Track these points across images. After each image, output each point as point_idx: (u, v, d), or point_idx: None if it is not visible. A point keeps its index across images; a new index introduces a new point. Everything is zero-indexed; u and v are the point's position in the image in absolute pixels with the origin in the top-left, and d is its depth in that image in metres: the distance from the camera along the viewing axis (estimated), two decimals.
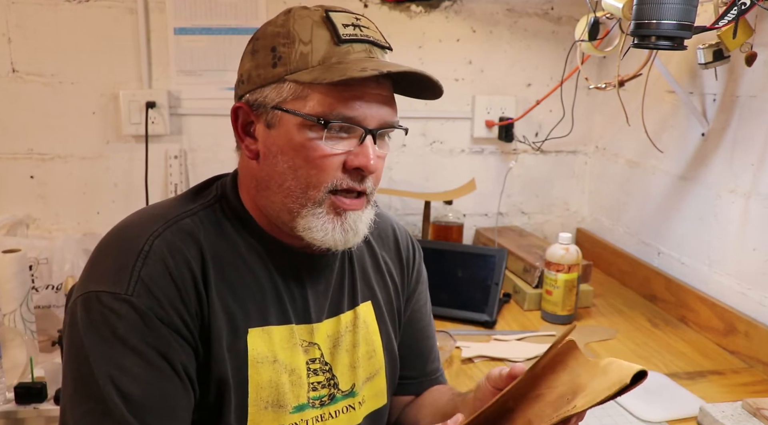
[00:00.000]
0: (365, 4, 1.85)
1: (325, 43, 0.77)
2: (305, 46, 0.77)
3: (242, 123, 0.83)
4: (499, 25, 1.93)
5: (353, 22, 0.79)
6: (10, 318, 1.47)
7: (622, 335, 1.49)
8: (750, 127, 1.40)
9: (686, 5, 1.12)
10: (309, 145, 0.77)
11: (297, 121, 0.77)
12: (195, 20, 1.75)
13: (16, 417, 1.38)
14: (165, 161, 1.84)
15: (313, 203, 0.79)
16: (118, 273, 0.75)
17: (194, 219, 0.83)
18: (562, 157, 2.09)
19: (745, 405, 1.13)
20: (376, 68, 0.74)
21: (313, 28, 0.77)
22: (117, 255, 0.78)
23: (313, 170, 0.78)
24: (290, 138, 0.78)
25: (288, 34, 0.78)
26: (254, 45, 0.82)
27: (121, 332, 0.73)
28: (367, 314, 0.95)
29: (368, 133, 0.78)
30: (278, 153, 0.79)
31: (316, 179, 0.78)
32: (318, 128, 0.76)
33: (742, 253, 1.43)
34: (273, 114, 0.79)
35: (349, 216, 0.80)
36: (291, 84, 0.77)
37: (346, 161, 0.78)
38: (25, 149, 1.78)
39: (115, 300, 0.74)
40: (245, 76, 0.82)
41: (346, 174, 0.79)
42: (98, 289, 0.75)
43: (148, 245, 0.77)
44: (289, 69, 0.77)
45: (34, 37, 1.71)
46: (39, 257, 1.67)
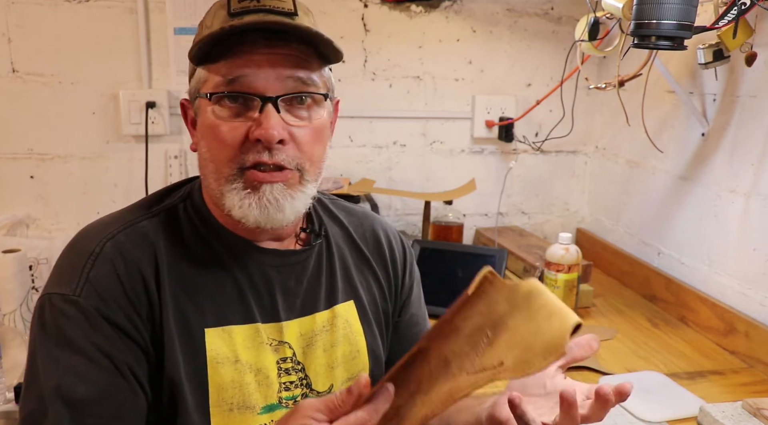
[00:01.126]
0: (365, 4, 1.85)
1: (220, 22, 0.76)
2: (207, 29, 0.77)
3: (190, 119, 0.85)
4: (499, 25, 1.93)
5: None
6: (10, 318, 1.47)
7: (622, 335, 1.49)
8: (750, 127, 1.40)
9: (686, 5, 1.12)
10: (212, 123, 0.77)
11: (204, 104, 0.78)
12: (195, 20, 1.75)
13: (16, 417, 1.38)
14: (165, 161, 1.84)
15: (227, 179, 0.78)
16: (68, 275, 0.77)
17: (153, 221, 0.83)
18: (562, 157, 2.09)
19: (745, 405, 1.13)
20: (234, 24, 0.73)
21: (215, 12, 0.79)
22: (71, 258, 0.79)
23: (217, 147, 0.77)
24: (204, 122, 0.79)
25: (201, 23, 0.81)
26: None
27: (69, 333, 0.74)
28: (349, 314, 0.92)
29: (266, 101, 0.75)
30: (201, 139, 0.81)
31: (222, 155, 0.77)
32: (218, 106, 0.77)
33: (742, 253, 1.43)
34: (196, 104, 0.81)
35: (266, 190, 0.77)
36: (199, 71, 0.79)
37: (246, 134, 0.76)
38: (25, 149, 1.78)
39: (64, 301, 0.75)
40: (189, 71, 0.83)
41: (251, 147, 0.76)
42: (51, 291, 0.77)
43: (99, 247, 0.78)
44: (195, 56, 0.78)
45: (34, 37, 1.71)
46: (39, 257, 1.67)
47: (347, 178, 1.89)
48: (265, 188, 0.77)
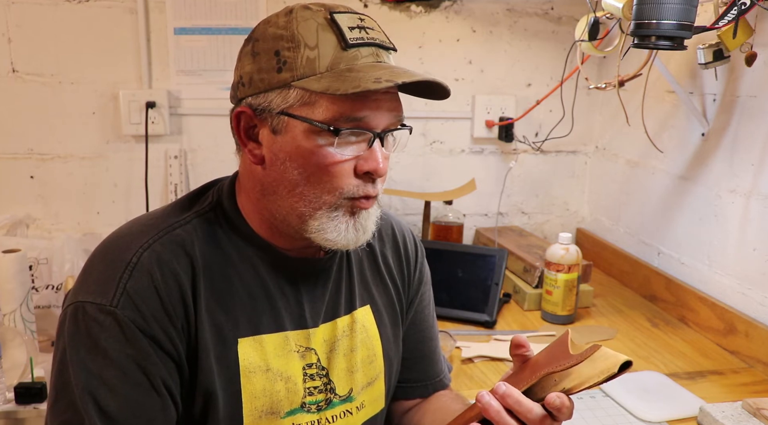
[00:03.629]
0: (365, 4, 1.85)
1: (332, 48, 0.75)
2: (311, 50, 0.75)
3: (245, 127, 0.81)
4: (499, 25, 1.93)
5: (358, 23, 0.77)
6: (10, 318, 1.47)
7: (622, 335, 1.49)
8: (750, 127, 1.40)
9: (686, 5, 1.12)
10: (319, 152, 0.76)
11: (305, 127, 0.76)
12: (195, 20, 1.75)
13: (16, 417, 1.38)
14: (165, 161, 1.84)
15: (329, 207, 0.78)
16: (104, 284, 0.76)
17: (186, 229, 0.82)
18: (562, 157, 2.09)
19: (745, 405, 1.13)
20: (391, 79, 0.73)
21: (319, 32, 0.76)
22: (106, 266, 0.78)
23: (325, 176, 0.77)
24: (298, 144, 0.77)
25: (292, 37, 0.76)
26: (254, 47, 0.80)
27: (103, 343, 0.74)
28: (366, 319, 0.94)
29: (376, 136, 0.77)
30: (286, 159, 0.78)
31: (330, 185, 0.78)
32: (328, 135, 0.75)
33: (742, 253, 1.43)
34: (279, 120, 0.77)
35: (362, 215, 0.80)
36: (297, 90, 0.75)
37: (356, 165, 0.78)
38: (25, 149, 1.78)
39: (100, 311, 0.74)
40: (246, 78, 0.80)
41: (359, 179, 0.78)
42: (85, 299, 0.76)
43: (136, 257, 0.77)
44: (295, 75, 0.75)
45: (34, 37, 1.71)
46: (39, 257, 1.67)
47: None
48: (362, 215, 0.80)
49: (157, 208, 0.90)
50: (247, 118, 0.81)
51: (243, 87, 0.80)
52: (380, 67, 0.76)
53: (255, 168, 0.82)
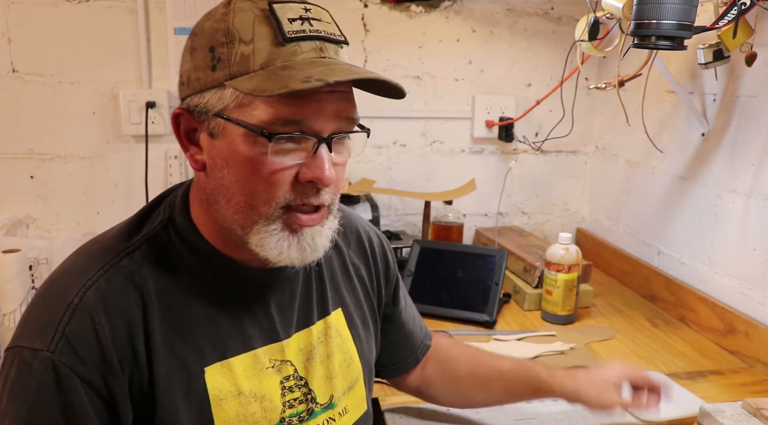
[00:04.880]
0: (365, 4, 1.85)
1: (268, 43, 0.68)
2: (246, 46, 0.68)
3: (185, 130, 0.74)
4: (499, 25, 1.93)
5: (302, 14, 0.69)
6: (10, 318, 1.47)
7: (622, 335, 1.49)
8: (750, 127, 1.40)
9: (686, 5, 1.12)
10: (256, 159, 0.69)
11: (241, 131, 0.68)
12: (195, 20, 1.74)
13: None
14: (165, 161, 1.84)
15: (265, 219, 0.71)
16: (42, 327, 0.69)
17: (135, 257, 0.75)
18: (562, 157, 2.09)
19: (745, 405, 1.13)
20: (322, 78, 0.65)
21: (255, 25, 0.68)
22: (46, 308, 0.71)
23: (261, 185, 0.70)
24: (235, 150, 0.69)
25: (227, 31, 0.69)
26: (192, 42, 0.73)
27: (33, 392, 0.67)
28: (338, 322, 0.90)
29: (321, 142, 0.70)
30: (224, 166, 0.71)
31: (265, 194, 0.70)
32: (264, 141, 0.68)
33: (742, 253, 1.43)
34: (216, 122, 0.70)
35: (306, 233, 0.73)
36: (232, 91, 0.68)
37: (299, 173, 0.70)
38: (25, 149, 1.78)
39: (35, 357, 0.68)
40: (185, 77, 0.73)
41: (300, 188, 0.71)
42: (20, 344, 0.70)
43: (78, 298, 0.70)
44: (229, 73, 0.68)
45: (34, 37, 1.71)
46: (39, 257, 1.67)
47: (347, 178, 1.89)
48: (306, 231, 0.73)
49: (107, 229, 0.81)
50: (186, 120, 0.74)
51: (183, 87, 0.74)
52: (319, 64, 0.68)
53: (199, 175, 0.75)
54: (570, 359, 1.35)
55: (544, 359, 1.35)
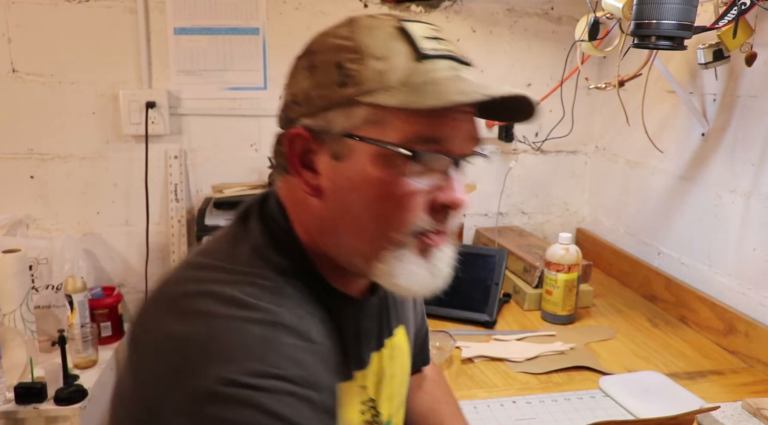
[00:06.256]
0: (365, 4, 1.85)
1: (405, 59, 0.64)
2: (380, 62, 0.64)
3: (299, 153, 0.68)
4: (499, 25, 1.93)
5: (433, 34, 0.67)
6: (10, 318, 1.47)
7: (622, 335, 1.49)
8: (750, 127, 1.40)
9: (686, 5, 1.12)
10: (391, 180, 0.64)
11: (374, 151, 0.64)
12: (195, 20, 1.75)
13: (16, 417, 1.38)
14: (165, 161, 1.84)
15: (396, 246, 0.67)
16: (252, 352, 0.59)
17: (289, 306, 0.65)
18: (562, 157, 2.09)
19: (745, 405, 1.13)
20: (481, 92, 0.63)
21: (388, 42, 0.65)
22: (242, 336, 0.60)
23: (396, 210, 0.65)
24: (365, 172, 0.65)
25: (357, 48, 0.65)
26: (311, 60, 0.68)
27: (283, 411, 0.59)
28: (401, 340, 0.87)
29: (457, 163, 0.67)
30: (350, 190, 0.66)
31: (399, 220, 0.66)
32: (401, 160, 0.64)
33: (742, 253, 1.43)
34: (342, 143, 0.65)
35: (435, 256, 0.70)
36: (364, 108, 0.64)
37: (434, 197, 0.67)
38: (25, 149, 1.78)
39: (262, 377, 0.59)
40: (301, 96, 0.68)
41: (433, 213, 0.68)
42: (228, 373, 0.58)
43: (275, 317, 0.62)
44: (362, 89, 0.64)
45: (34, 37, 1.71)
46: (39, 257, 1.67)
47: None
48: (435, 256, 0.70)
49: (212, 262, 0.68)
50: (303, 142, 0.68)
51: (297, 106, 0.68)
52: (462, 81, 0.66)
53: (311, 201, 0.69)
54: (570, 359, 1.35)
55: (544, 359, 1.35)
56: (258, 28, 1.79)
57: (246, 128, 1.86)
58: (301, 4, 1.81)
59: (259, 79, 1.82)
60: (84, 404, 1.43)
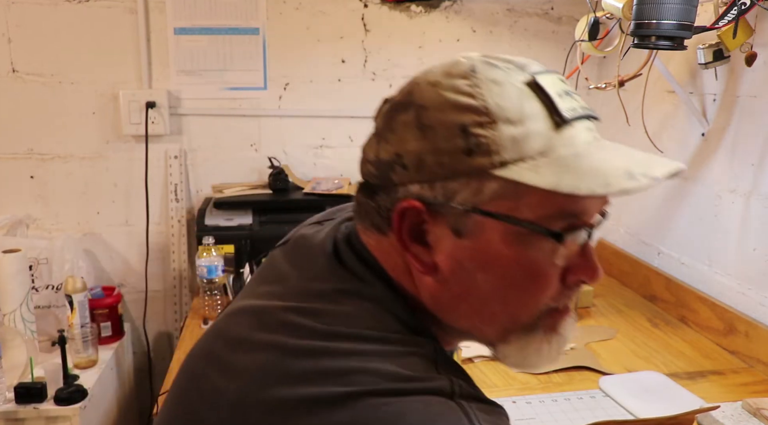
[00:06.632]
0: (365, 4, 1.85)
1: (544, 125, 0.56)
2: (514, 127, 0.55)
3: (410, 225, 0.59)
4: (499, 25, 1.93)
5: (564, 88, 0.59)
6: (10, 318, 1.47)
7: (622, 335, 1.49)
8: (750, 127, 1.40)
9: (686, 5, 1.12)
10: (526, 260, 0.57)
11: (506, 228, 0.56)
12: (195, 20, 1.75)
13: (16, 417, 1.38)
14: (165, 161, 1.84)
15: (525, 326, 0.61)
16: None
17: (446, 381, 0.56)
18: None
19: (745, 405, 1.13)
20: (647, 173, 0.55)
21: (521, 101, 0.56)
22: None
23: (529, 292, 0.59)
24: (495, 250, 0.57)
25: (485, 109, 0.55)
26: (421, 117, 0.57)
27: None
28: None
29: (589, 233, 0.60)
30: (476, 269, 0.58)
31: (533, 301, 0.59)
32: (537, 238, 0.56)
33: (742, 253, 1.43)
34: (466, 217, 0.56)
35: (563, 329, 0.63)
36: (498, 181, 0.55)
37: (568, 272, 0.60)
38: (25, 149, 1.78)
39: None
40: (411, 160, 0.57)
41: (567, 290, 0.61)
42: None
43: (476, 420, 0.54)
44: (496, 160, 0.54)
45: (34, 37, 1.71)
46: (39, 257, 1.67)
47: (347, 178, 1.89)
48: (563, 330, 0.63)
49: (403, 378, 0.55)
50: (414, 214, 0.58)
51: (405, 171, 0.58)
52: (607, 149, 0.59)
53: (422, 279, 0.60)
54: (570, 359, 1.35)
55: None
56: (258, 28, 1.79)
57: (246, 128, 1.86)
58: (301, 4, 1.81)
59: (259, 79, 1.82)
60: (84, 404, 1.43)
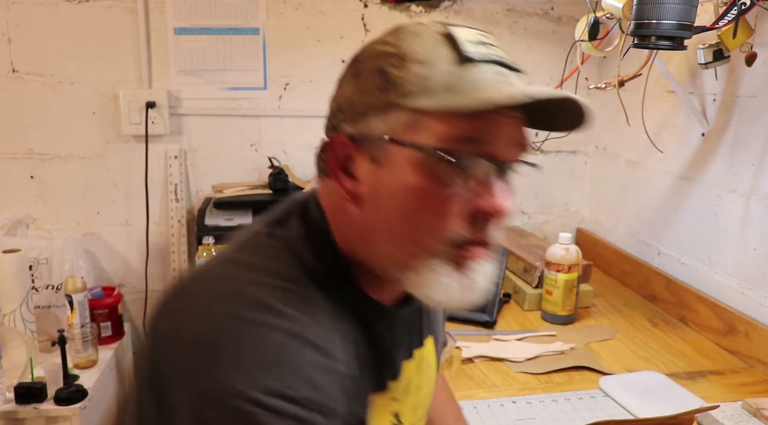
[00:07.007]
0: (365, 4, 1.85)
1: (448, 64, 0.62)
2: (423, 66, 0.62)
3: (341, 159, 0.67)
4: (499, 25, 1.93)
5: (480, 39, 0.65)
6: (10, 318, 1.47)
7: (622, 335, 1.49)
8: (750, 127, 1.40)
9: (686, 5, 1.12)
10: (429, 185, 0.62)
11: (413, 156, 0.62)
12: (195, 20, 1.75)
13: (16, 417, 1.38)
14: (165, 161, 1.85)
15: (431, 256, 0.64)
16: (268, 368, 0.58)
17: (319, 317, 0.64)
18: (562, 157, 2.08)
19: (745, 405, 1.13)
20: (527, 93, 0.60)
21: (432, 47, 0.64)
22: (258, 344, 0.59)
23: (432, 216, 0.63)
24: (403, 177, 0.63)
25: (401, 53, 0.64)
26: (356, 68, 0.67)
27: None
28: (429, 351, 0.85)
29: (501, 168, 0.65)
30: (388, 196, 0.64)
31: (435, 227, 0.63)
32: (440, 165, 0.61)
33: (742, 253, 1.43)
34: (381, 147, 0.63)
35: (472, 269, 0.66)
36: (404, 111, 0.62)
37: (475, 205, 0.63)
38: (25, 149, 1.78)
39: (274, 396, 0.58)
40: (344, 103, 0.67)
41: (472, 221, 0.64)
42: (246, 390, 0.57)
43: (303, 331, 0.60)
44: (403, 93, 0.62)
45: (34, 37, 1.71)
46: (39, 257, 1.67)
47: None
48: (471, 268, 0.66)
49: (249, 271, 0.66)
50: (343, 148, 0.66)
51: (341, 113, 0.67)
52: (506, 84, 0.63)
53: (349, 208, 0.67)
54: (570, 359, 1.35)
55: (544, 359, 1.35)
56: (258, 28, 1.79)
57: (246, 128, 1.86)
58: (301, 4, 1.81)
59: (259, 79, 1.82)
60: (84, 404, 1.43)
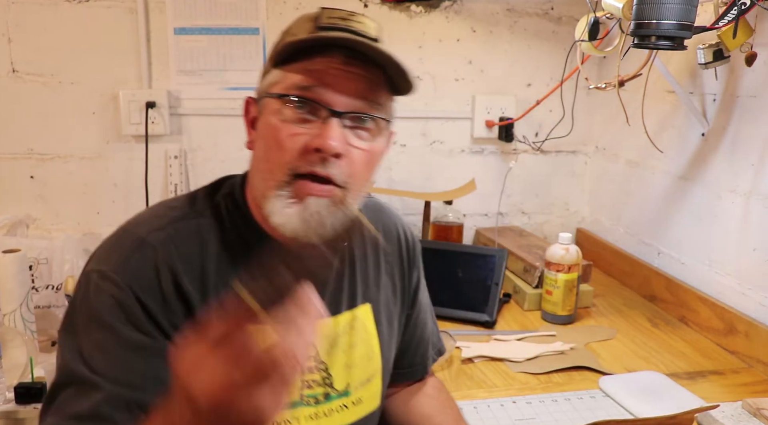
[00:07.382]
0: (365, 4, 1.85)
1: (306, 31, 0.77)
2: (291, 37, 0.78)
3: (250, 117, 0.85)
4: (499, 25, 1.93)
5: (343, 16, 0.78)
6: (10, 318, 1.47)
7: (622, 335, 1.49)
8: (750, 127, 1.40)
9: (686, 5, 1.12)
10: (275, 125, 0.77)
11: (271, 103, 0.79)
12: (195, 20, 1.75)
13: (16, 417, 1.38)
14: (165, 161, 1.84)
15: (277, 184, 0.77)
16: (110, 254, 0.79)
17: (201, 221, 0.82)
18: (562, 157, 2.08)
19: (745, 405, 1.13)
20: (323, 36, 0.74)
21: (302, 23, 0.80)
22: (116, 240, 0.81)
23: (275, 150, 0.77)
24: (266, 120, 0.79)
25: (284, 31, 0.82)
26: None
27: (99, 306, 0.75)
28: (365, 317, 0.95)
29: (332, 114, 0.76)
30: (260, 138, 0.81)
31: (277, 159, 0.77)
32: (286, 108, 0.77)
33: (742, 253, 1.43)
34: (262, 102, 0.81)
35: (311, 203, 0.76)
36: (273, 72, 0.79)
37: (307, 142, 0.76)
38: (25, 149, 1.78)
39: (101, 277, 0.76)
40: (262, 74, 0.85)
41: (306, 155, 0.76)
42: (92, 268, 0.79)
43: (146, 233, 0.79)
44: (274, 58, 0.79)
45: (34, 37, 1.71)
46: (39, 257, 1.67)
47: None
48: (311, 201, 0.76)
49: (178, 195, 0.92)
50: (248, 107, 0.86)
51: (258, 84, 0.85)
52: (339, 39, 0.75)
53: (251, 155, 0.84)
54: (570, 359, 1.35)
55: (544, 359, 1.35)
56: (258, 28, 1.79)
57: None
58: (301, 4, 1.81)
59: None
60: None
